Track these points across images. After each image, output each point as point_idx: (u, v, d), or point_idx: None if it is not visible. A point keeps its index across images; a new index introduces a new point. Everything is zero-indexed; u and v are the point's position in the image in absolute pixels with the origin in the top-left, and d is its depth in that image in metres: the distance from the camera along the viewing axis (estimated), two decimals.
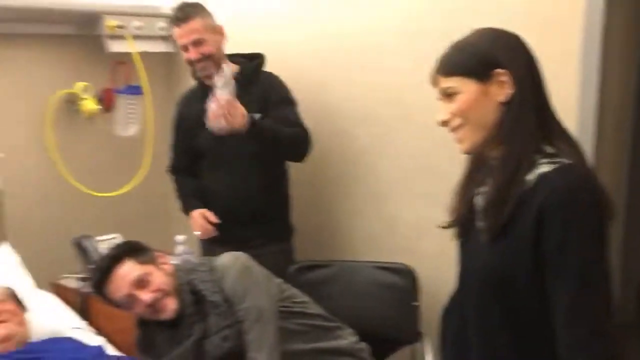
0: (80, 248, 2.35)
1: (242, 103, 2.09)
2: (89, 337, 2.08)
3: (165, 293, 1.68)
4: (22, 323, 1.85)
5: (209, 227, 2.21)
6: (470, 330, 1.25)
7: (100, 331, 2.16)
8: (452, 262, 2.17)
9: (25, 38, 2.56)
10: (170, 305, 1.68)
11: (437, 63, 1.22)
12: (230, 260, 1.77)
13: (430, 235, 2.39)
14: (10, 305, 1.85)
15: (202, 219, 2.22)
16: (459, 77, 1.17)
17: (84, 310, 2.24)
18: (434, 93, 1.25)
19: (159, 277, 1.69)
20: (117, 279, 1.66)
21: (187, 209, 2.32)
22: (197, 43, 2.13)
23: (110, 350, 2.03)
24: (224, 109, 1.92)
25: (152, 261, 1.72)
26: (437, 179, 2.32)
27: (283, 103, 2.26)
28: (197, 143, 2.29)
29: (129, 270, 1.67)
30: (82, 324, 2.16)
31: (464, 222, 1.29)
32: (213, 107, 1.94)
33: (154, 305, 1.67)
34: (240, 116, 1.96)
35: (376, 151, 2.48)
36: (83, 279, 2.34)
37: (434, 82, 1.23)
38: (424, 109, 2.28)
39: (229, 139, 2.09)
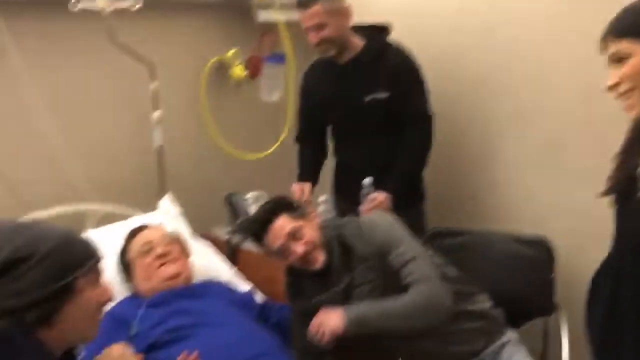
0: (230, 203, 2.56)
1: (367, 83, 2.19)
2: (239, 284, 2.27)
3: (315, 246, 1.81)
4: (186, 264, 2.06)
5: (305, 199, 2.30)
6: (624, 295, 1.25)
7: (248, 279, 2.36)
8: (589, 236, 2.16)
9: (185, 7, 2.78)
10: (320, 257, 1.81)
11: (608, 26, 1.21)
12: (377, 216, 1.88)
13: (568, 208, 2.36)
14: (177, 248, 2.06)
15: (299, 191, 2.32)
16: (631, 39, 1.15)
17: (232, 259, 2.44)
18: (578, 63, 1.24)
19: (310, 231, 1.83)
20: (273, 230, 1.81)
21: (298, 179, 2.45)
22: (318, 27, 2.20)
23: (258, 296, 2.22)
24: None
25: (304, 216, 1.86)
26: (577, 152, 2.29)
27: (412, 87, 2.28)
28: (324, 117, 2.42)
29: (284, 223, 1.81)
30: (232, 271, 2.36)
31: (623, 189, 1.28)
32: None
33: (305, 257, 1.80)
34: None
35: (519, 123, 2.47)
36: (232, 232, 2.55)
37: (603, 47, 1.22)
38: (569, 81, 2.24)
39: (356, 113, 2.21)
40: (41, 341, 1.23)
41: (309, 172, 2.46)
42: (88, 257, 1.31)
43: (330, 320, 1.71)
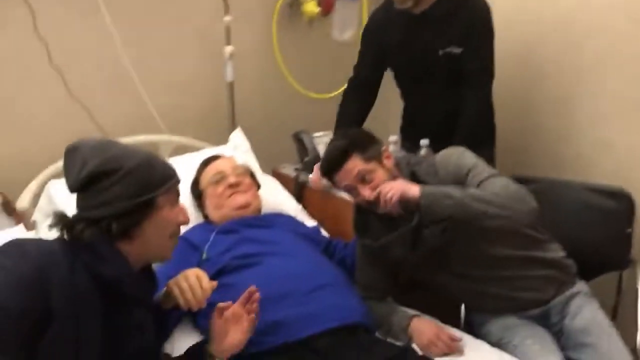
0: (299, 141, 2.56)
1: (441, 37, 2.15)
2: (303, 219, 2.29)
3: None
4: (256, 195, 2.08)
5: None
6: None
7: (313, 216, 2.37)
8: None
9: None
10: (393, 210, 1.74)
11: None
12: (450, 150, 1.83)
13: None
14: (248, 179, 2.09)
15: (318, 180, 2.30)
16: None
17: (299, 196, 2.46)
18: None
19: (381, 175, 1.77)
20: (343, 171, 1.77)
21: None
22: None
23: (323, 232, 2.23)
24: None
25: (376, 157, 1.79)
26: None
27: (484, 43, 2.20)
28: (389, 64, 2.37)
29: (353, 165, 1.75)
30: (298, 207, 2.38)
31: None
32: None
33: (372, 201, 1.77)
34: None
35: (599, 70, 2.34)
36: (299, 169, 2.56)
37: None
38: None
39: (428, 66, 2.19)
40: (121, 252, 1.28)
41: (341, 128, 2.36)
42: (169, 176, 1.36)
43: (403, 184, 1.69)
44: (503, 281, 1.82)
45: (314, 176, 2.33)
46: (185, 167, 2.16)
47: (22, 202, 2.15)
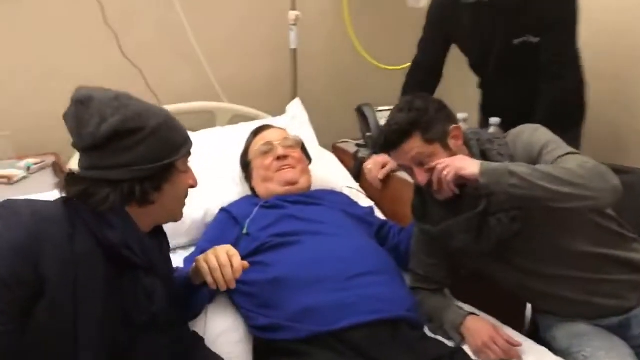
0: (361, 115, 2.38)
1: (516, 25, 1.99)
2: (359, 198, 2.13)
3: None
4: (305, 171, 1.94)
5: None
6: None
7: (369, 195, 2.20)
8: None
9: None
10: (446, 193, 1.54)
11: None
12: (522, 127, 1.61)
13: None
14: (298, 153, 1.95)
15: (376, 170, 2.15)
16: None
17: (357, 174, 2.29)
18: None
19: (441, 159, 1.55)
20: (399, 151, 1.58)
21: None
22: None
23: (378, 213, 2.06)
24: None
25: (440, 138, 1.57)
26: None
27: (565, 34, 2.00)
28: (460, 47, 2.21)
29: (412, 146, 1.55)
30: (355, 185, 2.22)
31: None
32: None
33: (429, 185, 1.59)
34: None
35: None
36: (360, 145, 2.39)
37: None
38: None
39: (503, 55, 2.05)
40: (130, 216, 1.19)
41: None
42: (187, 138, 1.28)
43: (461, 161, 1.47)
44: (579, 282, 1.58)
45: (373, 166, 2.16)
46: (240, 135, 2.08)
47: (73, 164, 2.11)
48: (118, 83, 2.25)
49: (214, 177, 1.99)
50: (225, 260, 1.33)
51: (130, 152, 1.16)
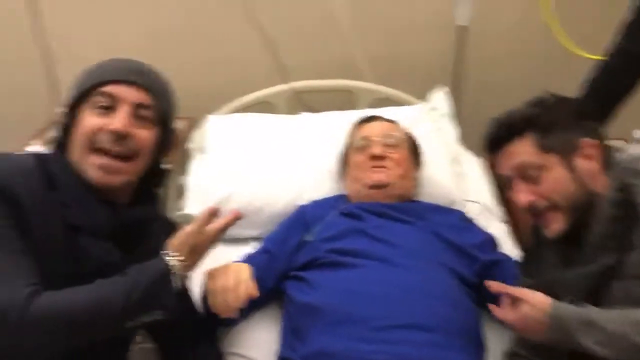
0: None
1: None
2: (488, 219, 1.67)
3: (552, 204, 1.12)
4: (405, 176, 1.57)
5: None
6: None
7: (510, 218, 1.73)
8: None
9: None
10: (554, 225, 1.13)
11: None
12: None
13: None
14: (400, 154, 1.58)
15: None
16: None
17: (502, 187, 1.81)
18: None
19: (557, 180, 1.12)
20: (504, 153, 1.18)
21: None
22: None
23: (509, 245, 1.58)
24: None
25: (562, 150, 1.13)
26: None
27: None
28: None
29: (520, 150, 1.15)
30: (488, 199, 1.75)
31: None
32: None
33: (532, 211, 1.13)
34: None
35: None
36: None
37: None
38: None
39: None
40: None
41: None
42: (93, 85, 1.09)
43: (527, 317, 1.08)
44: None
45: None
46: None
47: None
48: (251, 54, 2.17)
49: (312, 164, 1.75)
50: (231, 284, 1.14)
51: None
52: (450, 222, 1.52)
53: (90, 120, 1.06)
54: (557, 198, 1.12)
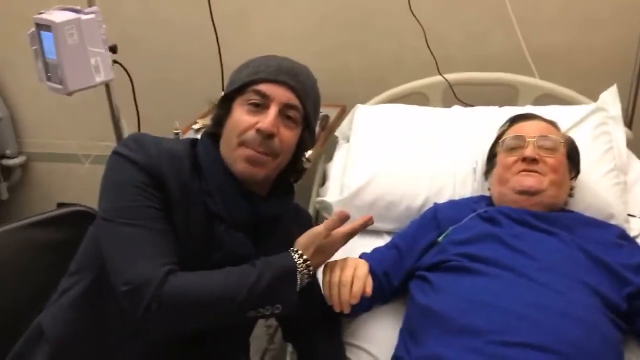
0: None
1: None
2: None
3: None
4: (559, 183, 1.41)
5: None
6: None
7: None
8: None
9: None
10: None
11: None
12: None
13: None
14: (555, 159, 1.42)
15: None
16: None
17: None
18: None
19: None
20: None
21: None
22: None
23: None
24: None
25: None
26: None
27: None
28: None
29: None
30: None
31: None
32: None
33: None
34: None
35: None
36: None
37: None
38: None
39: None
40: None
41: None
42: (253, 80, 1.13)
43: None
44: None
45: None
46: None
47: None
48: (402, 39, 2.10)
49: (458, 162, 1.67)
50: (346, 279, 1.14)
51: None
52: (605, 238, 1.34)
53: (241, 116, 1.12)
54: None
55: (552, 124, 1.52)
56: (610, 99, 1.77)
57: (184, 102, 2.23)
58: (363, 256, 1.36)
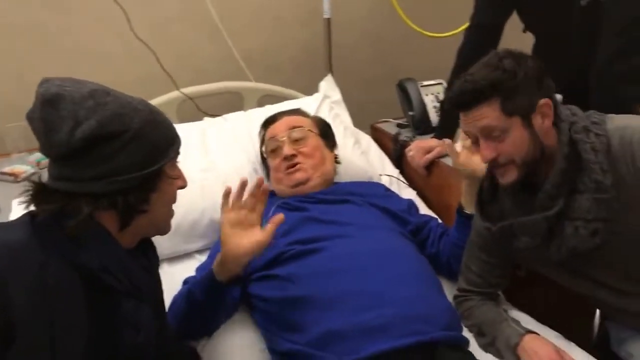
0: (403, 91, 2.12)
1: None
2: (399, 187, 1.88)
3: (511, 161, 1.28)
4: (318, 165, 1.68)
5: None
6: None
7: (412, 183, 1.95)
8: None
9: None
10: (509, 176, 1.29)
11: None
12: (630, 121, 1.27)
13: None
14: (308, 146, 1.68)
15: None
16: None
17: (398, 159, 2.04)
18: None
19: (518, 140, 1.26)
20: (470, 115, 1.27)
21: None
22: None
23: (421, 206, 1.81)
24: None
25: (522, 111, 1.25)
26: None
27: None
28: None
29: (486, 115, 1.25)
30: (395, 172, 1.97)
31: None
32: None
33: (493, 165, 1.31)
34: None
35: None
36: (401, 125, 2.14)
37: None
38: None
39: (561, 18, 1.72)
40: (109, 234, 1.01)
41: None
42: (174, 136, 1.09)
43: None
44: None
45: (416, 152, 1.90)
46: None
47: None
48: (129, 64, 2.11)
49: (237, 168, 1.79)
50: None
51: (110, 161, 0.98)
52: (376, 192, 1.70)
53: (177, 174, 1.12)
54: (516, 156, 1.27)
55: (297, 112, 1.78)
56: (330, 87, 2.13)
57: None
58: (190, 280, 1.40)
